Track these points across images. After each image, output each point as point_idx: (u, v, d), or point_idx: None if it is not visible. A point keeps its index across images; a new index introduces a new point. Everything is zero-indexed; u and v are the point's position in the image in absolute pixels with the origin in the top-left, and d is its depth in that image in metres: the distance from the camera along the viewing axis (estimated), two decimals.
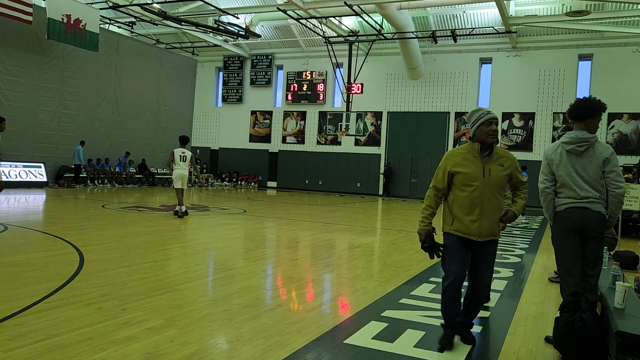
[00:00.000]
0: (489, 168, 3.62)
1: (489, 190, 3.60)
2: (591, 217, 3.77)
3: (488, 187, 3.59)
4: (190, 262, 6.46)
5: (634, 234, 11.68)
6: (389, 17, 20.21)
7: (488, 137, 3.60)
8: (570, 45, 21.98)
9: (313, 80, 26.90)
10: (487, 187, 3.59)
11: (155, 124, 24.47)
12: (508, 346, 3.86)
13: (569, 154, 3.85)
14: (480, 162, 3.63)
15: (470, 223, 3.61)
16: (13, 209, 11.42)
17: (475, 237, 3.62)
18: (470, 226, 3.61)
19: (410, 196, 24.61)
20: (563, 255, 3.89)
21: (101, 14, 20.53)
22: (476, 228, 3.60)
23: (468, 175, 3.60)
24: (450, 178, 3.69)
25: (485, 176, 3.60)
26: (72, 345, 3.33)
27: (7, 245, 6.81)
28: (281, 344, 3.59)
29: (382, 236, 10.23)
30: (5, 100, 17.99)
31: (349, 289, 5.51)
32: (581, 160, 3.81)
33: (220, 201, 16.31)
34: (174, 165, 11.25)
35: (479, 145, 3.64)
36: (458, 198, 3.66)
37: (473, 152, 3.66)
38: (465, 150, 3.70)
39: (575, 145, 3.81)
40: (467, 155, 3.67)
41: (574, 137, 3.84)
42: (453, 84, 24.05)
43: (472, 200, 3.59)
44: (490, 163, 3.63)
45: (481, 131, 3.62)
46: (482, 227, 3.61)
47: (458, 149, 3.76)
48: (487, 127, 3.60)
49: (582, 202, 3.78)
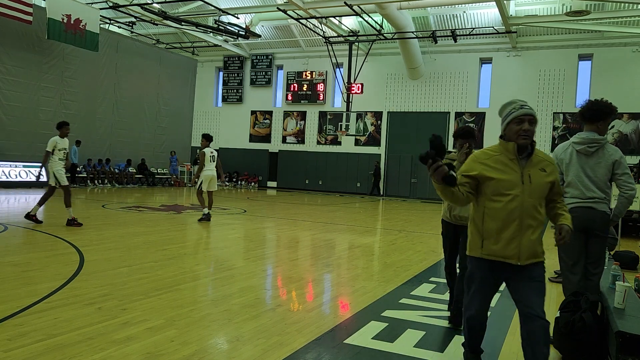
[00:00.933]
0: (529, 173, 2.92)
1: (530, 200, 2.89)
2: (596, 216, 3.82)
3: (528, 196, 2.89)
4: (190, 262, 6.46)
5: (634, 234, 11.68)
6: (389, 17, 20.21)
7: (519, 139, 2.91)
8: (570, 45, 21.98)
9: (313, 80, 26.90)
10: (528, 196, 2.88)
11: (155, 124, 24.46)
12: (508, 346, 3.86)
13: (578, 154, 3.89)
14: (517, 165, 2.93)
15: (506, 243, 2.89)
16: (13, 209, 11.42)
17: (514, 260, 2.89)
18: (507, 246, 2.89)
19: (410, 196, 24.61)
20: (567, 253, 3.92)
21: (101, 14, 20.53)
22: (514, 248, 2.88)
23: (503, 182, 2.89)
24: (475, 185, 2.98)
25: (524, 183, 2.90)
26: (72, 345, 3.33)
27: (7, 245, 6.81)
28: (281, 344, 3.59)
29: (382, 236, 10.22)
30: (5, 100, 17.99)
31: (349, 289, 5.51)
32: (590, 161, 3.85)
33: (220, 201, 16.29)
34: (203, 167, 10.71)
35: (515, 145, 2.93)
36: (490, 211, 2.93)
37: (508, 153, 2.95)
38: (497, 152, 3.00)
39: (586, 145, 3.85)
40: (500, 157, 2.97)
41: (585, 138, 3.87)
42: (453, 84, 24.04)
43: (508, 213, 2.88)
44: (530, 167, 2.94)
45: (510, 130, 2.95)
46: (522, 247, 2.88)
47: (487, 150, 3.06)
48: (518, 125, 2.91)
49: (587, 202, 3.83)
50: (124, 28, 23.99)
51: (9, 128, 18.23)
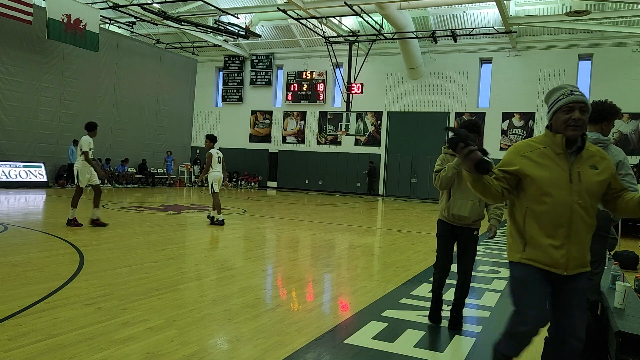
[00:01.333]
0: (578, 170, 2.54)
1: (579, 202, 2.51)
2: (598, 216, 3.83)
3: (578, 197, 2.51)
4: (190, 262, 6.46)
5: (634, 234, 11.69)
6: (389, 17, 20.21)
7: (567, 129, 2.51)
8: (570, 45, 21.98)
9: (313, 80, 26.90)
10: (577, 197, 2.51)
11: (155, 124, 24.46)
12: None
13: None
14: (565, 161, 2.53)
15: (552, 249, 2.51)
16: (13, 209, 11.42)
17: (560, 269, 2.51)
18: (553, 254, 2.51)
19: (411, 196, 24.61)
20: None
21: (101, 14, 20.54)
22: (561, 257, 2.50)
23: (548, 181, 2.51)
24: (515, 181, 2.59)
25: (573, 182, 2.52)
26: (72, 345, 3.33)
27: (7, 245, 6.80)
28: (281, 344, 3.59)
29: (382, 236, 10.22)
30: (5, 100, 17.99)
31: (349, 289, 5.51)
32: None
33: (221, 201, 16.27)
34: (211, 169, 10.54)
35: (563, 138, 2.52)
36: (533, 213, 2.55)
37: (554, 146, 2.55)
38: (542, 144, 2.59)
39: None
40: (546, 150, 2.56)
41: (590, 138, 3.88)
42: (453, 84, 24.04)
43: (555, 216, 2.50)
44: (580, 163, 2.55)
45: (558, 120, 2.53)
46: (570, 256, 2.51)
47: (531, 142, 2.64)
48: (567, 113, 2.51)
49: None
50: (124, 28, 23.99)
51: (9, 128, 18.24)
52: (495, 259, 7.63)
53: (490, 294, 5.47)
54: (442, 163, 4.10)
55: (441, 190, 4.17)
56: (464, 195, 4.04)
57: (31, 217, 10.22)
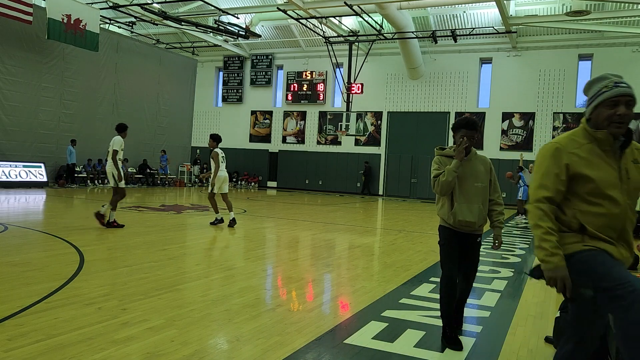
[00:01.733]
0: (626, 167, 2.31)
1: (629, 202, 2.30)
2: None
3: (628, 197, 2.30)
4: (190, 262, 6.46)
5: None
6: (389, 17, 20.21)
7: (611, 126, 2.25)
8: (570, 45, 21.98)
9: (313, 80, 26.90)
10: (627, 197, 2.30)
11: (155, 124, 24.46)
12: (508, 346, 3.86)
13: None
14: (613, 159, 2.30)
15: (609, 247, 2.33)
16: (13, 209, 11.42)
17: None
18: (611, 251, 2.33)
19: (410, 196, 24.61)
20: None
21: (101, 14, 20.53)
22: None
23: (601, 182, 2.25)
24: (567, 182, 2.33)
25: (622, 181, 2.28)
26: (72, 345, 3.33)
27: (7, 245, 6.81)
28: (281, 344, 3.59)
29: (382, 236, 10.22)
30: (5, 100, 18.00)
31: (349, 289, 5.51)
32: None
33: (220, 201, 16.27)
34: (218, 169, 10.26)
35: (609, 135, 2.29)
36: (585, 215, 2.29)
37: (601, 142, 2.30)
38: (585, 139, 2.33)
39: None
40: (592, 147, 2.31)
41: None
42: (453, 84, 24.04)
43: (610, 220, 2.27)
44: (625, 160, 2.32)
45: (600, 115, 2.29)
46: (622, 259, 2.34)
47: (574, 137, 2.36)
48: (611, 108, 2.26)
49: None
50: (124, 28, 23.99)
51: (9, 128, 18.25)
52: (495, 259, 7.63)
53: (490, 294, 5.47)
54: (439, 167, 3.73)
55: (442, 196, 3.81)
56: (468, 200, 3.69)
57: (31, 217, 10.23)
